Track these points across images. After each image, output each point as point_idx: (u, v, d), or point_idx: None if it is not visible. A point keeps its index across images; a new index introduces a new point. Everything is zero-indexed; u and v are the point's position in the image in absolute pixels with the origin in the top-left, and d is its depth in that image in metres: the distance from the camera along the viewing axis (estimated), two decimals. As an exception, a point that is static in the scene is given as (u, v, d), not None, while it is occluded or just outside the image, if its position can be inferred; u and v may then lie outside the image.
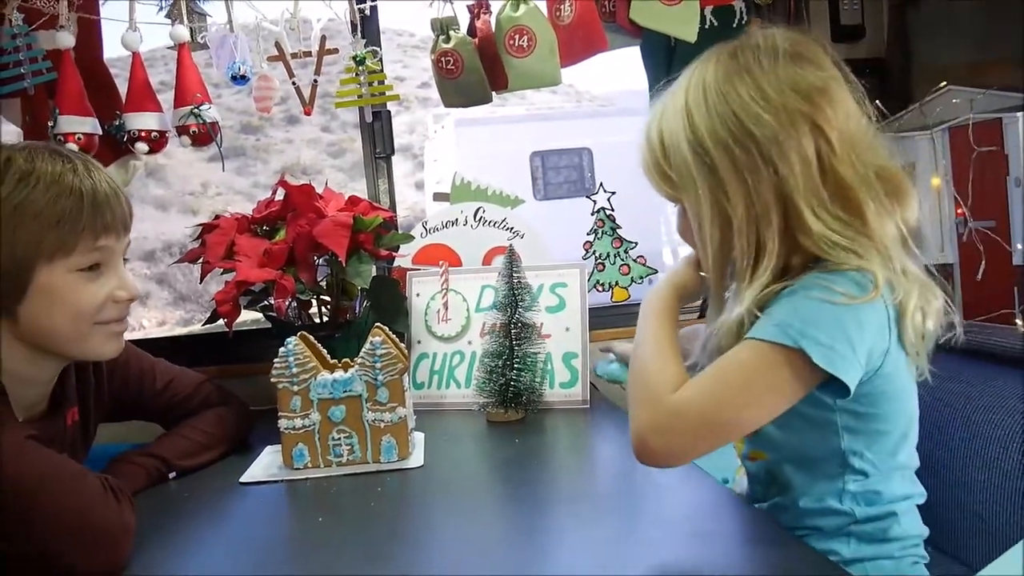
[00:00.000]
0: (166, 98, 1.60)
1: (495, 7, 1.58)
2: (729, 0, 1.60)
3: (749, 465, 1.08)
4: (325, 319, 1.55)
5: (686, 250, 1.07)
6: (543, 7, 1.55)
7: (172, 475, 1.20)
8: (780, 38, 0.93)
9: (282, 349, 1.18)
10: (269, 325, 1.55)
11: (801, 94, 0.89)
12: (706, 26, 1.60)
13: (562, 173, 7.11)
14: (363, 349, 1.18)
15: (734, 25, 1.64)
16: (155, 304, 11.75)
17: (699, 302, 1.96)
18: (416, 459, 1.20)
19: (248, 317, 1.53)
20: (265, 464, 1.23)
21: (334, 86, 1.66)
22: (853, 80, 0.94)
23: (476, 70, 1.56)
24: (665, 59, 1.68)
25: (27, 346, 1.00)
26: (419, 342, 1.60)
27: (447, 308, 1.60)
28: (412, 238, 1.60)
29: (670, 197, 1.00)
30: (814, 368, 0.83)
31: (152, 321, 11.12)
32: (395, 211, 1.80)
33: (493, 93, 1.61)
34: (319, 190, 1.50)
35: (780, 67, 0.91)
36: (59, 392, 1.13)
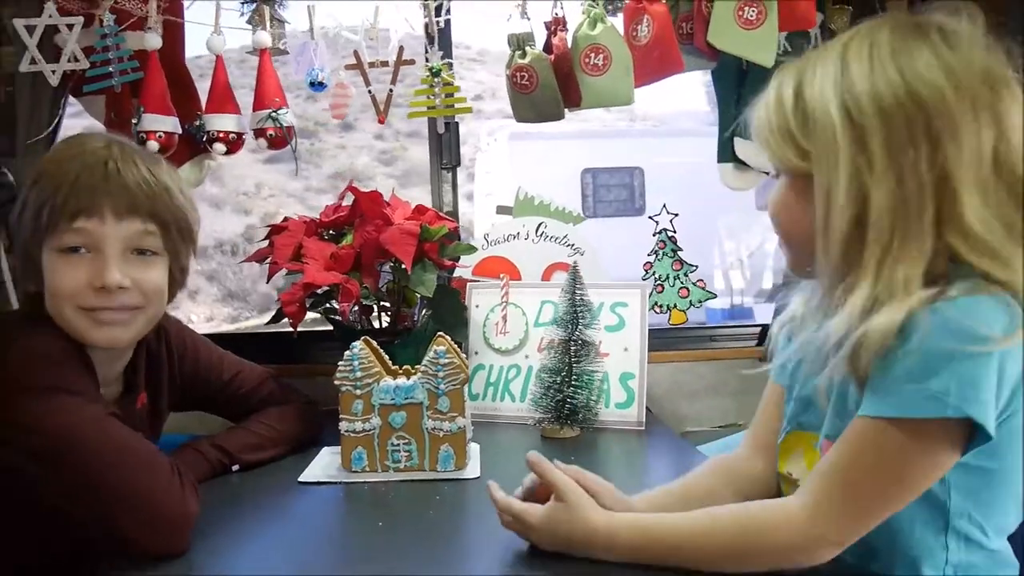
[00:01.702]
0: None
1: (572, 24, 1.59)
2: (806, 26, 1.58)
3: None
4: (384, 325, 1.57)
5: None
6: (620, 26, 1.56)
7: (235, 468, 1.22)
8: (967, 22, 0.82)
9: (347, 352, 1.19)
10: (322, 327, 1.57)
11: (988, 80, 0.79)
12: (780, 51, 1.59)
13: (612, 191, 7.08)
14: (427, 357, 1.19)
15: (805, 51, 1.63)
16: (204, 300, 11.97)
17: (758, 330, 1.94)
18: (472, 470, 1.20)
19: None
20: (324, 465, 1.25)
21: (398, 95, 1.68)
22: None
23: (550, 86, 1.57)
24: (736, 82, 1.67)
25: None
26: (476, 353, 1.61)
27: (506, 321, 1.60)
28: (475, 249, 1.61)
29: (787, 166, 0.86)
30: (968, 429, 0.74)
31: (200, 316, 11.32)
32: (458, 221, 1.81)
33: (565, 110, 1.61)
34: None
35: (968, 47, 0.80)
36: (131, 375, 1.16)
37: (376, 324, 1.58)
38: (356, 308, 1.53)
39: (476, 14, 1.63)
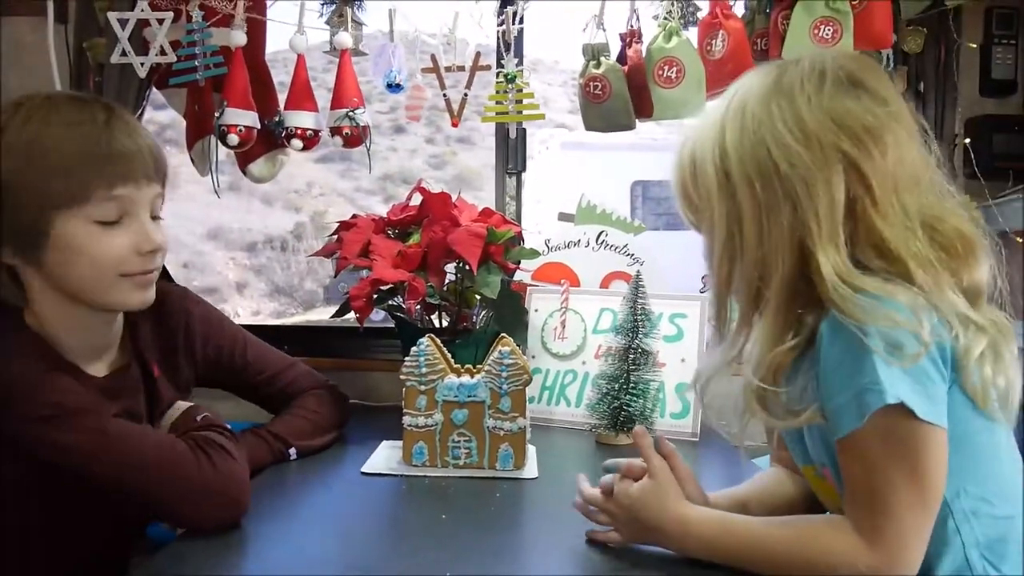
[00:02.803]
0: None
1: (647, 37, 1.61)
2: (880, 46, 1.58)
3: None
4: (444, 324, 1.60)
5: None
6: (695, 40, 1.57)
7: (293, 455, 1.25)
8: (832, 61, 0.84)
9: (414, 349, 1.22)
10: (371, 325, 1.59)
11: (845, 130, 0.80)
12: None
13: (662, 204, 7.06)
14: (491, 357, 1.21)
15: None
16: (251, 294, 12.18)
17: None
18: (530, 471, 1.22)
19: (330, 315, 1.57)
20: (385, 457, 1.28)
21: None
22: (914, 115, 0.85)
23: (622, 97, 1.58)
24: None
25: (60, 294, 1.01)
26: (533, 357, 1.63)
27: (564, 326, 1.62)
28: (538, 254, 1.63)
29: (690, 221, 0.93)
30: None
31: (247, 310, 11.53)
32: (522, 225, 1.83)
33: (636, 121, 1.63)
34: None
35: (826, 95, 0.82)
36: (129, 343, 1.15)
37: (436, 323, 1.60)
38: (419, 306, 1.56)
39: (528, 25, 1.65)
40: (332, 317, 1.59)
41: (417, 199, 1.56)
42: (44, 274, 1.00)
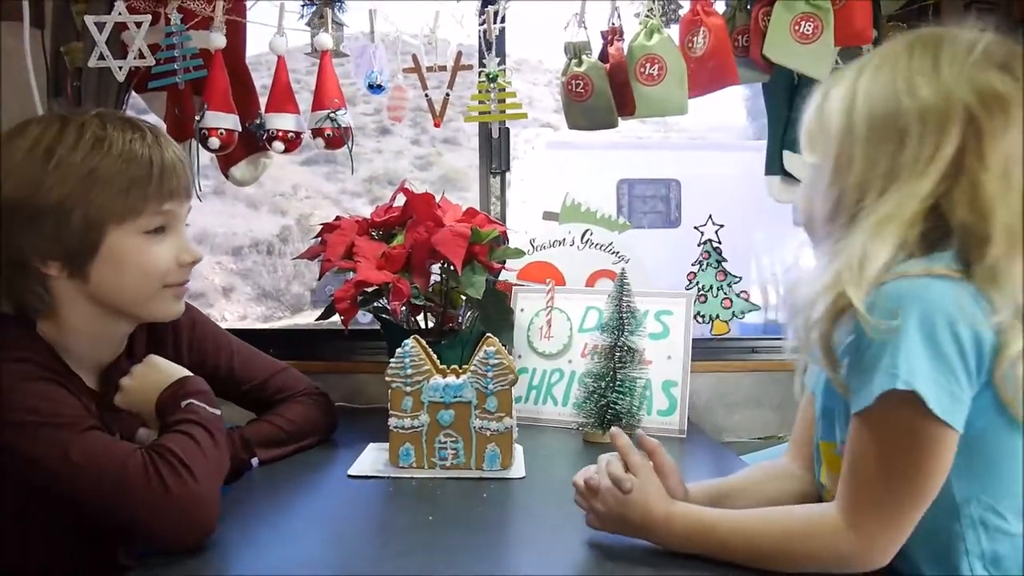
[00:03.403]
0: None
1: (628, 34, 1.61)
2: (860, 42, 1.58)
3: None
4: (429, 325, 1.59)
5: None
6: (676, 37, 1.57)
7: (255, 464, 1.22)
8: (986, 41, 0.84)
9: (399, 350, 1.22)
10: (357, 327, 1.59)
11: (976, 93, 0.80)
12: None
13: (648, 203, 7.07)
14: (477, 357, 1.21)
15: None
16: (238, 298, 12.14)
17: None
18: (518, 470, 1.22)
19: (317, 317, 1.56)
20: (371, 460, 1.27)
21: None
22: None
23: (605, 95, 1.58)
24: (787, 95, 1.68)
25: (96, 306, 1.04)
26: (519, 356, 1.63)
27: (550, 325, 1.62)
28: (523, 253, 1.63)
29: (809, 158, 0.94)
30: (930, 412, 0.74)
31: (234, 314, 11.50)
32: (506, 225, 1.83)
33: (619, 118, 1.63)
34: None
35: (972, 60, 0.82)
36: (128, 356, 1.15)
37: (422, 324, 1.60)
38: (405, 308, 1.55)
39: (511, 24, 1.65)
40: (317, 320, 1.58)
41: (401, 200, 1.55)
42: (86, 286, 1.02)
